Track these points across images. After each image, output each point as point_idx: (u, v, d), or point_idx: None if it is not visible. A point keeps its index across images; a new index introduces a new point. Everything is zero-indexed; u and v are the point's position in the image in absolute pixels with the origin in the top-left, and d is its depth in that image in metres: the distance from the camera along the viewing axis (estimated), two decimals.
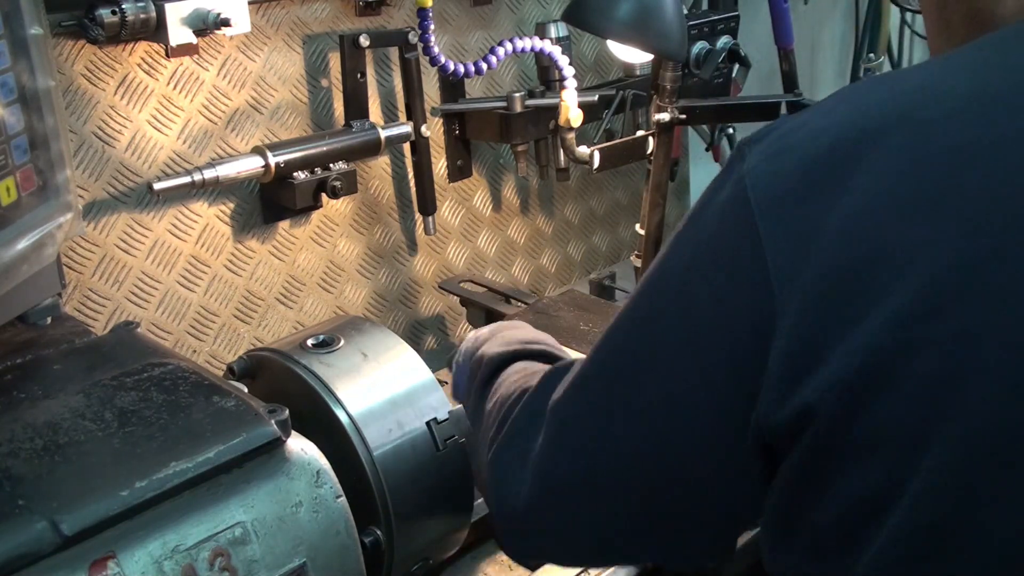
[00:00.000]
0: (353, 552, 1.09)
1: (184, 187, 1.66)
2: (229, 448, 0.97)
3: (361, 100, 1.93)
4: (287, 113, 1.87)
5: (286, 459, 1.05)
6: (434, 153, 2.11)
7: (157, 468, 0.94)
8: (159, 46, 1.64)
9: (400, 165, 2.10)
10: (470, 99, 2.16)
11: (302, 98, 1.89)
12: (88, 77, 1.59)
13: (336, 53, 1.90)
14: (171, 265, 1.75)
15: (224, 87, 1.76)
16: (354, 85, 1.91)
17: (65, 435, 1.01)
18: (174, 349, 1.44)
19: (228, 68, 1.77)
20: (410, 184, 2.11)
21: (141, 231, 1.70)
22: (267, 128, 1.84)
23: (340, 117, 1.94)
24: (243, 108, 1.80)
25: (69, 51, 1.56)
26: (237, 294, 1.86)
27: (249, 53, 1.79)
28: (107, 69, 1.61)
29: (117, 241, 1.67)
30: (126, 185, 1.67)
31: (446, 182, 2.20)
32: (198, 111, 1.74)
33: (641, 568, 1.44)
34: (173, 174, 1.68)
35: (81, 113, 1.59)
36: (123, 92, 1.64)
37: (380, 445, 1.23)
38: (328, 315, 2.01)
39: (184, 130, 1.72)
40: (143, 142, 1.67)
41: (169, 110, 1.70)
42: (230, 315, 1.85)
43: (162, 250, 1.74)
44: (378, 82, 2.01)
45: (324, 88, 1.92)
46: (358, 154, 1.91)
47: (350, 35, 1.88)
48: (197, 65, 1.72)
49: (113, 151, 1.64)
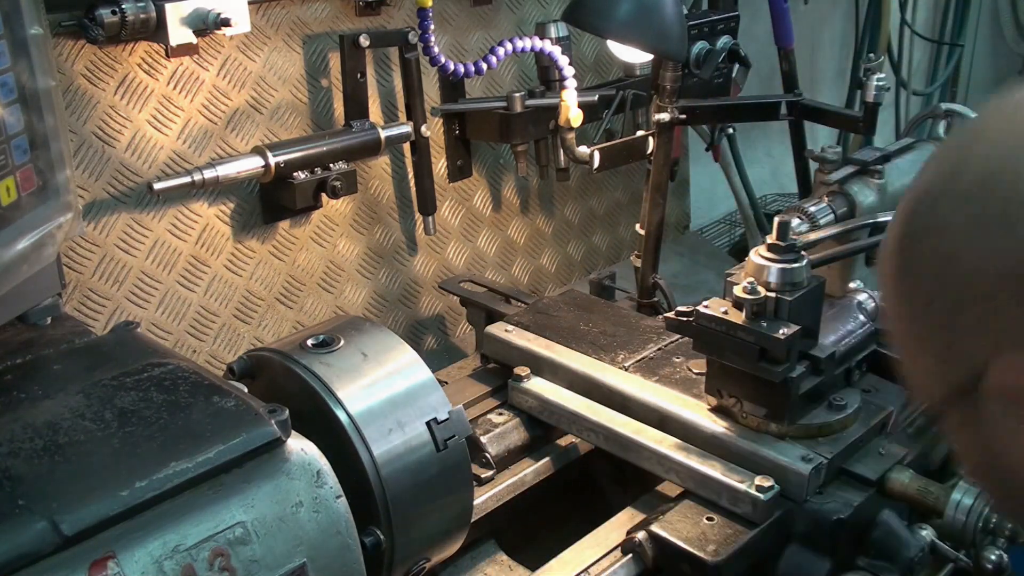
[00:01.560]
0: (353, 552, 1.09)
1: (184, 187, 1.66)
2: (229, 448, 0.97)
3: (361, 100, 1.93)
4: (287, 113, 1.87)
5: (286, 459, 1.05)
6: (434, 153, 2.11)
7: (157, 468, 0.94)
8: (159, 46, 1.64)
9: (400, 165, 2.09)
10: (470, 99, 2.16)
11: (302, 98, 1.89)
12: (88, 77, 1.59)
13: (336, 53, 1.90)
14: (171, 265, 1.75)
15: (224, 87, 1.76)
16: (354, 85, 1.91)
17: (65, 435, 1.01)
18: (174, 349, 1.44)
19: (228, 68, 1.76)
20: (410, 184, 2.11)
21: (141, 231, 1.70)
22: (267, 128, 1.84)
23: (340, 117, 1.94)
24: (243, 108, 1.80)
25: (69, 51, 1.56)
26: (237, 294, 1.86)
27: (249, 53, 1.79)
28: (107, 69, 1.61)
29: (117, 241, 1.67)
30: (126, 185, 1.67)
31: (446, 182, 2.19)
32: (198, 111, 1.74)
33: (641, 568, 1.44)
34: (173, 174, 1.68)
35: (81, 113, 1.59)
36: (123, 92, 1.64)
37: (380, 445, 1.23)
38: (328, 315, 2.01)
39: (184, 130, 1.72)
40: (143, 142, 1.67)
41: (169, 110, 1.70)
42: (230, 315, 1.85)
43: (162, 250, 1.74)
44: (378, 82, 2.00)
45: (324, 88, 1.92)
46: (358, 154, 1.91)
47: (350, 35, 1.88)
48: (197, 65, 1.72)
49: (113, 151, 1.64)
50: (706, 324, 1.50)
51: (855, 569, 1.49)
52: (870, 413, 1.58)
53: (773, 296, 1.46)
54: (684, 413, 1.58)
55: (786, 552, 1.47)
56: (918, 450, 1.58)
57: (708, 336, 1.51)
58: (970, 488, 1.50)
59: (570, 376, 1.72)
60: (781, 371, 1.45)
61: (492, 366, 1.87)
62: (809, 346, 1.51)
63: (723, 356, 1.51)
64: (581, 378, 1.71)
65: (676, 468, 1.53)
